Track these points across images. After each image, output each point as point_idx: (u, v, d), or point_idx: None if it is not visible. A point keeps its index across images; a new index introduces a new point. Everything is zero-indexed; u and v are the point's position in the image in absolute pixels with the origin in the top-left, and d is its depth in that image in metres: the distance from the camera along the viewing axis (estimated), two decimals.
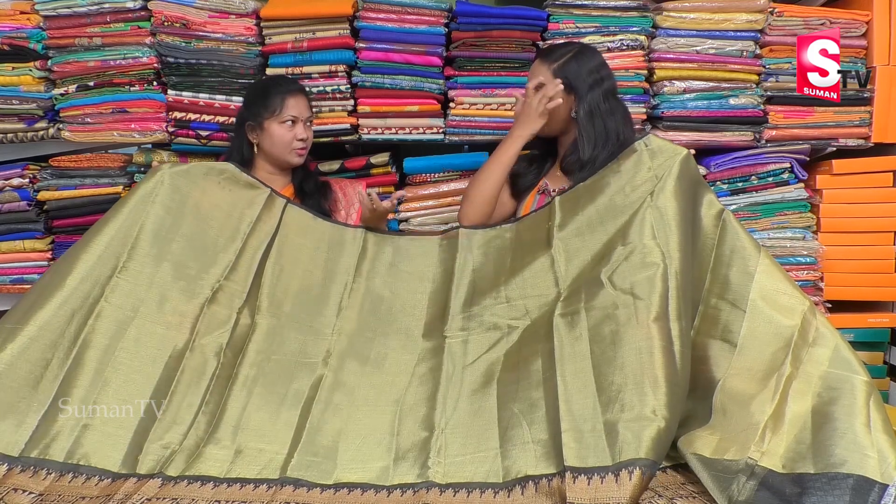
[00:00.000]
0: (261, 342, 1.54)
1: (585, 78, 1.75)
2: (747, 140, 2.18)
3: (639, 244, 1.42)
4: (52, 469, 1.29)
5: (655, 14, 2.16)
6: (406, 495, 1.23)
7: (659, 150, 1.55)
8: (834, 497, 1.08)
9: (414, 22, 2.12)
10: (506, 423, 1.34)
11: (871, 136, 2.17)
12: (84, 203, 2.20)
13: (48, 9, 2.11)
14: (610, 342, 1.33)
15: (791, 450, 1.19)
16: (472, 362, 1.49)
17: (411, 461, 1.31)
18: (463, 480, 1.25)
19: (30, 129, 2.19)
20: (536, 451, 1.26)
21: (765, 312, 1.39)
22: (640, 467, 1.12)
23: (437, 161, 2.25)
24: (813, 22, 2.14)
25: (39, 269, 2.24)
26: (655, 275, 1.37)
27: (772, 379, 1.30)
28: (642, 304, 1.34)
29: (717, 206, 1.54)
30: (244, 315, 1.57)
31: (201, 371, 1.46)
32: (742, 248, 1.48)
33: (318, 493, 1.25)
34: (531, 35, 2.15)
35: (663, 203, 1.46)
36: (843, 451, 1.15)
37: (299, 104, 1.94)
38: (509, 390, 1.40)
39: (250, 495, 1.25)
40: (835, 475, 1.12)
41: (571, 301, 1.45)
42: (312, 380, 1.49)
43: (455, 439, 1.34)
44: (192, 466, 1.30)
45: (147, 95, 2.16)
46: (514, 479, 1.23)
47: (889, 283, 2.16)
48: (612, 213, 1.53)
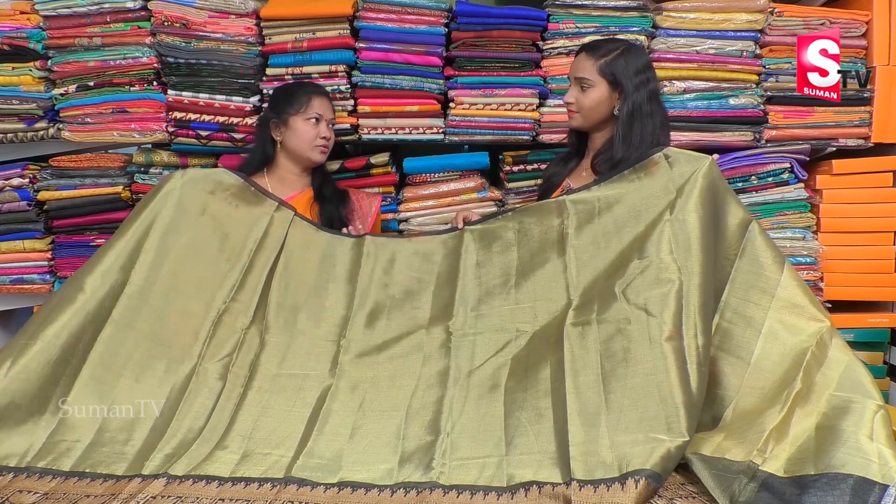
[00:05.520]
0: (269, 359, 1.55)
1: (632, 77, 1.72)
2: (747, 140, 2.18)
3: (655, 259, 1.42)
4: (58, 475, 1.31)
5: (655, 14, 2.16)
6: (409, 495, 1.24)
7: (679, 161, 1.54)
8: (834, 497, 1.08)
9: (414, 22, 2.12)
10: (512, 431, 1.34)
11: (871, 136, 2.16)
12: (84, 203, 2.21)
13: (48, 9, 2.11)
14: (621, 359, 1.34)
15: (794, 458, 1.20)
16: (479, 365, 1.49)
17: (416, 463, 1.32)
18: (467, 483, 1.26)
19: (30, 129, 2.19)
20: (542, 461, 1.26)
21: (780, 335, 1.38)
22: (646, 477, 1.15)
23: (437, 161, 2.25)
24: (813, 22, 2.14)
25: (39, 270, 2.25)
26: (670, 292, 1.36)
27: (781, 394, 1.30)
28: (655, 321, 1.34)
29: (742, 215, 1.51)
30: (251, 333, 1.59)
31: (208, 391, 1.48)
32: (763, 264, 1.46)
33: (322, 492, 1.25)
34: (531, 35, 2.15)
35: (684, 216, 1.45)
36: (845, 455, 1.15)
37: (324, 104, 1.97)
38: (517, 398, 1.40)
39: (254, 493, 1.25)
40: (835, 475, 1.12)
41: (583, 311, 1.45)
42: (321, 390, 1.50)
43: (460, 443, 1.35)
44: (198, 467, 1.31)
45: (147, 95, 2.16)
46: (518, 484, 1.23)
47: (889, 283, 2.16)
48: (629, 223, 1.52)
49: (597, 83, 1.74)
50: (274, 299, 1.65)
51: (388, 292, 1.68)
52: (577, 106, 1.78)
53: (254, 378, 1.51)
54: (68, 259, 2.24)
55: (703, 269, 1.39)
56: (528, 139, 2.21)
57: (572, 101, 1.78)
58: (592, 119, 1.78)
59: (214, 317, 1.58)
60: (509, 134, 2.19)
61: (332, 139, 2.00)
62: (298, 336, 1.60)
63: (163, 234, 1.66)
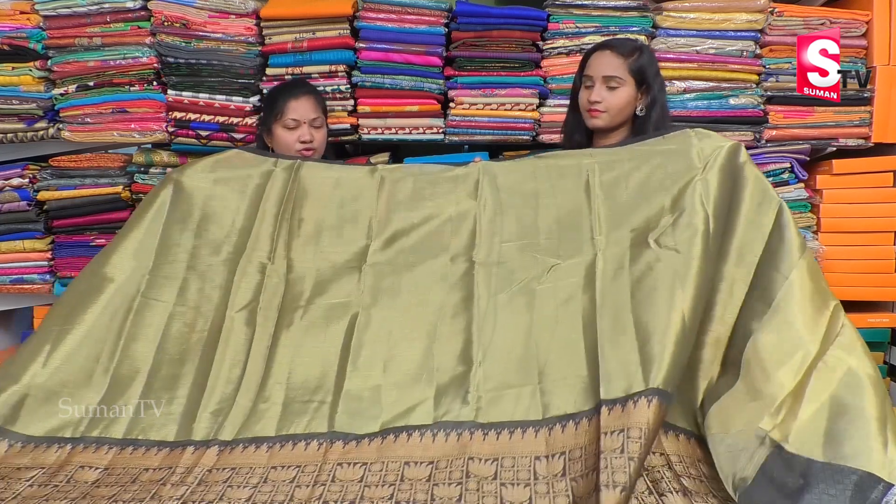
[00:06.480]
0: (294, 296, 1.58)
1: (655, 77, 1.74)
2: (747, 140, 2.18)
3: (689, 207, 1.45)
4: (113, 444, 1.36)
5: (655, 14, 2.16)
6: (451, 440, 1.28)
7: (707, 138, 1.57)
8: (836, 490, 1.08)
9: (414, 22, 2.12)
10: (543, 360, 1.38)
11: (871, 136, 2.16)
12: (84, 203, 2.20)
13: (48, 9, 2.11)
14: (650, 290, 1.37)
15: (803, 431, 1.19)
16: (506, 293, 1.51)
17: (451, 396, 1.36)
18: (503, 419, 1.30)
19: (30, 129, 2.19)
20: (575, 387, 1.30)
21: (803, 284, 1.39)
22: (658, 396, 1.18)
23: (437, 161, 2.24)
24: (813, 22, 2.14)
25: (39, 270, 2.24)
26: (696, 234, 1.40)
27: (799, 352, 1.29)
28: (681, 258, 1.38)
29: (775, 197, 1.51)
30: (273, 274, 1.61)
31: (239, 339, 1.52)
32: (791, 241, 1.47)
33: (367, 445, 1.30)
34: (531, 35, 2.15)
35: (708, 178, 1.48)
36: (855, 445, 1.14)
37: (302, 106, 1.92)
38: (544, 332, 1.43)
39: (303, 456, 1.29)
40: (840, 468, 1.11)
41: (614, 258, 1.47)
42: (348, 320, 1.53)
43: (493, 373, 1.38)
44: (244, 427, 1.36)
45: (147, 95, 2.16)
46: (555, 417, 1.27)
47: (889, 283, 2.16)
48: (659, 182, 1.54)
49: (626, 82, 1.73)
50: (291, 236, 1.67)
51: (406, 217, 1.68)
52: (605, 105, 1.74)
53: (281, 318, 1.55)
54: (68, 259, 2.23)
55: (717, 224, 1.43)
56: (528, 139, 2.21)
57: (599, 100, 1.74)
58: (618, 119, 1.77)
59: (233, 267, 1.62)
60: (509, 134, 2.19)
61: (319, 139, 1.95)
62: (321, 266, 1.62)
63: (170, 218, 1.69)
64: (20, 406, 1.42)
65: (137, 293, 1.58)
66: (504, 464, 1.22)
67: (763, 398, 1.25)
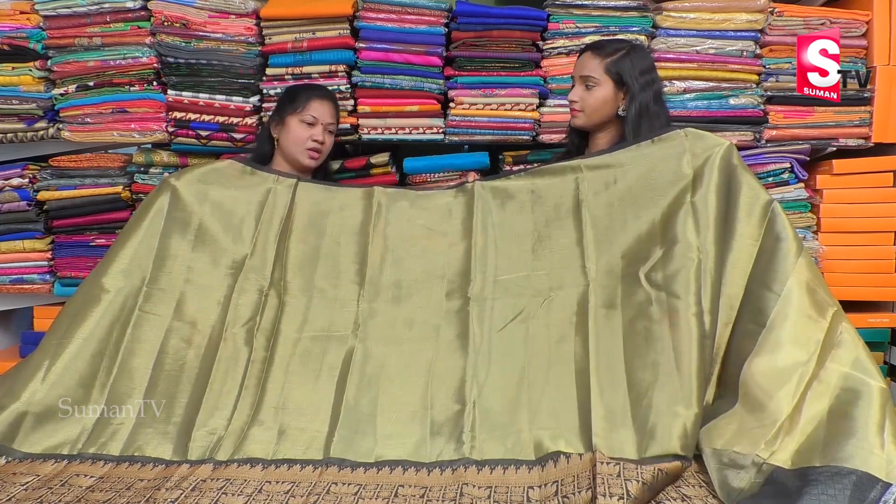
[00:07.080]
0: (291, 321, 1.59)
1: (638, 77, 1.73)
2: (747, 140, 2.18)
3: (680, 240, 1.46)
4: (109, 460, 1.38)
5: (655, 14, 2.16)
6: (445, 473, 1.29)
7: (698, 140, 1.56)
8: (835, 490, 1.08)
9: (414, 22, 2.12)
10: (535, 406, 1.39)
11: (871, 136, 2.16)
12: (84, 203, 2.20)
13: (48, 9, 2.11)
14: (643, 338, 1.39)
15: (802, 450, 1.19)
16: (499, 330, 1.52)
17: (446, 436, 1.38)
18: (497, 457, 1.32)
19: (30, 129, 2.19)
20: (567, 436, 1.32)
21: (795, 301, 1.38)
22: (670, 460, 1.22)
23: (437, 161, 2.24)
24: (813, 22, 2.14)
25: (39, 270, 2.24)
26: (690, 270, 1.41)
27: (795, 373, 1.29)
28: (680, 303, 1.40)
29: (765, 197, 1.50)
30: (271, 297, 1.63)
31: (236, 358, 1.53)
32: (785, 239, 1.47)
33: (362, 473, 1.31)
34: (531, 35, 2.15)
35: (705, 198, 1.48)
36: (853, 448, 1.15)
37: (323, 108, 1.95)
38: (538, 373, 1.44)
39: (298, 475, 1.31)
40: (839, 469, 1.12)
41: (607, 294, 1.49)
42: (344, 353, 1.54)
43: (487, 414, 1.40)
44: (239, 450, 1.37)
45: (147, 95, 2.16)
46: (546, 455, 1.29)
47: (889, 283, 2.16)
48: (645, 195, 1.54)
49: (602, 82, 1.74)
50: (289, 261, 1.68)
51: (402, 245, 1.69)
52: (581, 105, 1.78)
53: (277, 341, 1.56)
54: (68, 259, 2.23)
55: (718, 248, 1.44)
56: (528, 139, 2.20)
57: (577, 100, 1.78)
58: (595, 119, 1.78)
59: (231, 283, 1.63)
60: (509, 134, 2.19)
61: (328, 146, 1.97)
62: (317, 295, 1.64)
63: (167, 227, 1.70)
64: (19, 424, 1.44)
65: (135, 306, 1.59)
66: (498, 490, 1.24)
67: (762, 423, 1.25)
